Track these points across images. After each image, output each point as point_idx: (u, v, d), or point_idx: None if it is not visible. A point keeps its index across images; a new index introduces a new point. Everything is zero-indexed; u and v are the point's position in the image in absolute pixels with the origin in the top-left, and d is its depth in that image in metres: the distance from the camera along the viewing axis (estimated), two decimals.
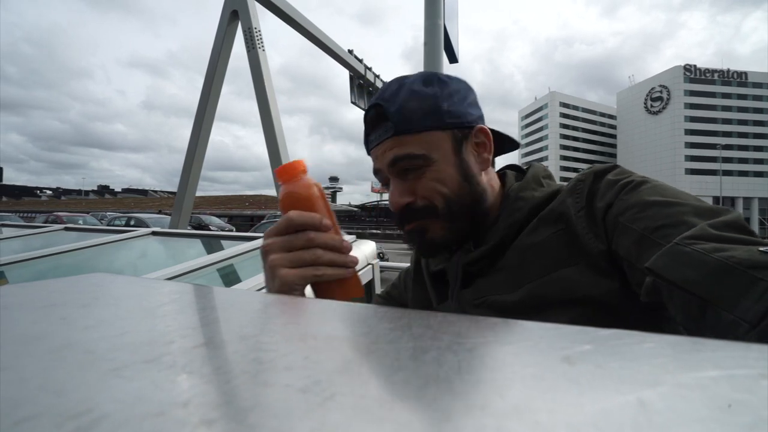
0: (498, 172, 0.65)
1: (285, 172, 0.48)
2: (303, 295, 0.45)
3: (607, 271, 0.46)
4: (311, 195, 0.47)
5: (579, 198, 0.51)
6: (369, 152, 0.59)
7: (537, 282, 0.49)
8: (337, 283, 0.46)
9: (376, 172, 0.58)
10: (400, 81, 0.56)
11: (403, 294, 0.74)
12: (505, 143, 0.64)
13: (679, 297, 0.36)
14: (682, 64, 59.94)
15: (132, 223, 12.76)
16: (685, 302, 0.36)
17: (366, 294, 1.51)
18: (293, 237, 0.44)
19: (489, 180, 0.58)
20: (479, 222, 0.56)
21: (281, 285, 0.43)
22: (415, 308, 0.67)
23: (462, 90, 0.57)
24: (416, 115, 0.53)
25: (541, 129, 71.93)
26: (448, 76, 0.57)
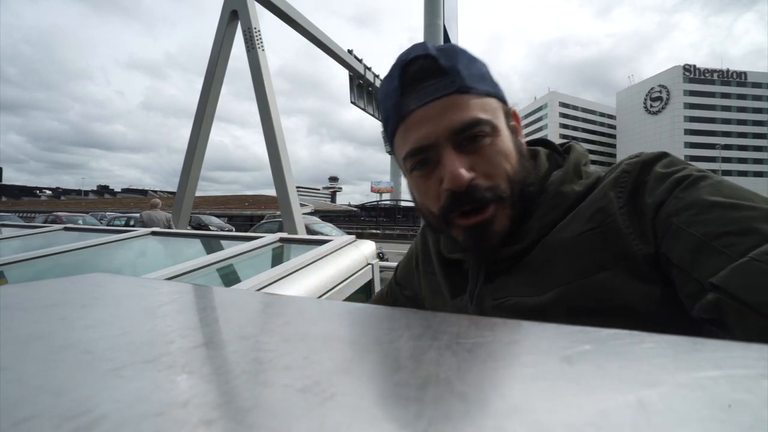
0: (528, 146, 0.56)
1: None
2: None
3: (649, 276, 0.41)
4: None
5: (623, 192, 0.44)
6: (400, 119, 0.47)
7: (567, 286, 0.43)
8: None
9: (420, 151, 0.46)
10: (435, 44, 0.48)
11: (414, 288, 0.67)
12: None
13: (757, 322, 0.31)
14: (681, 65, 60.00)
15: (132, 223, 12.76)
16: (762, 329, 0.31)
17: (366, 294, 1.51)
18: None
19: (530, 162, 0.51)
20: (527, 209, 0.49)
21: None
22: (434, 300, 0.61)
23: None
24: (476, 75, 0.46)
25: (540, 129, 71.93)
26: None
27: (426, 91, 0.45)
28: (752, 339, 0.32)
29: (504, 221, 0.47)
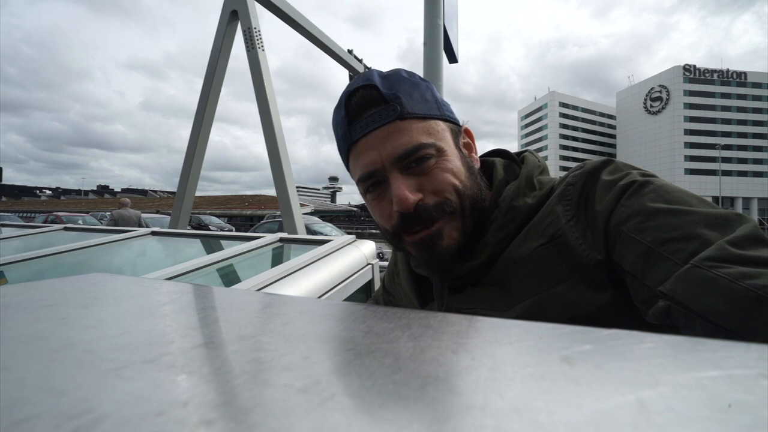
0: (483, 157, 0.58)
1: None
2: None
3: (604, 283, 0.42)
4: None
5: (569, 205, 0.45)
6: (350, 147, 0.49)
7: (530, 300, 0.45)
8: None
9: (369, 177, 0.48)
10: (380, 72, 0.50)
11: (396, 297, 0.69)
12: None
13: (702, 327, 0.33)
14: (681, 65, 60.02)
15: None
16: (708, 333, 0.33)
17: (365, 293, 1.50)
18: None
19: (481, 178, 0.53)
20: (479, 223, 0.50)
21: None
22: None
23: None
24: (418, 100, 0.47)
25: (540, 129, 71.93)
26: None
27: (369, 119, 0.47)
28: None
29: (453, 234, 0.48)
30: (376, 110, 0.46)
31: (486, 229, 0.50)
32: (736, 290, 0.32)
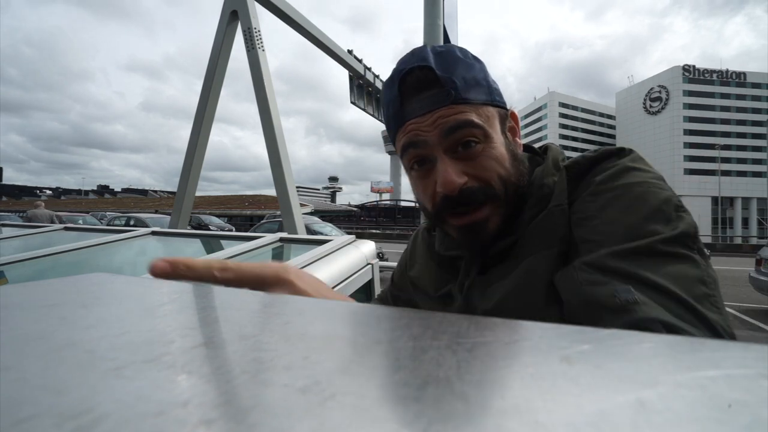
0: None
1: None
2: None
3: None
4: None
5: (570, 180, 0.50)
6: (400, 125, 0.50)
7: (530, 259, 0.48)
8: None
9: (413, 145, 0.48)
10: (434, 48, 0.49)
11: (407, 291, 0.69)
12: None
13: (567, 312, 0.41)
14: (680, 65, 60.01)
15: (132, 222, 12.75)
16: (568, 319, 0.41)
17: (365, 293, 1.51)
18: None
19: (524, 164, 0.54)
20: (521, 206, 0.52)
21: None
22: (419, 300, 0.63)
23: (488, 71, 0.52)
24: (472, 84, 0.48)
25: (540, 129, 71.94)
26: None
27: (423, 102, 0.47)
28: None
29: (497, 220, 0.50)
30: (430, 93, 0.47)
31: (522, 210, 0.52)
32: (579, 292, 0.39)
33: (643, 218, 0.41)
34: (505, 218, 0.50)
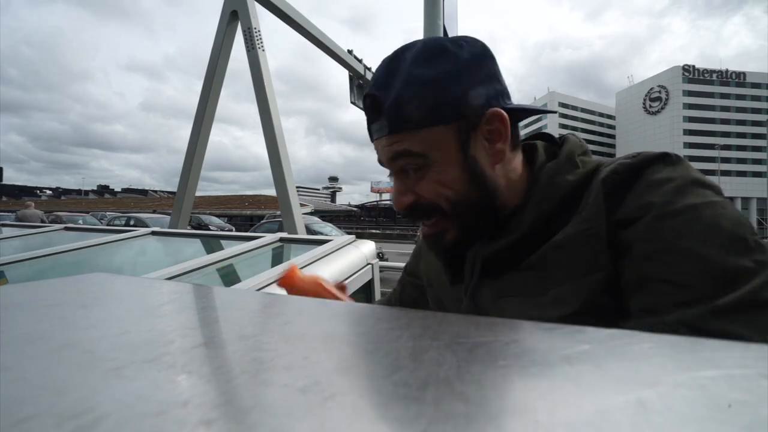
0: (525, 141, 0.56)
1: (287, 283, 0.59)
2: None
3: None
4: (319, 292, 0.59)
5: (609, 194, 0.44)
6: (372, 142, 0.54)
7: (566, 287, 0.44)
8: None
9: (381, 163, 0.53)
10: (398, 59, 0.48)
11: (420, 273, 0.69)
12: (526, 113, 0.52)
13: None
14: (680, 65, 60.03)
15: (132, 222, 12.76)
16: None
17: (365, 293, 1.50)
18: None
19: (506, 171, 0.50)
20: (492, 218, 0.50)
21: None
22: (435, 282, 0.63)
23: (475, 59, 0.47)
24: (413, 109, 0.46)
25: (540, 129, 71.98)
26: (462, 40, 0.49)
27: (373, 128, 0.51)
28: None
29: (453, 234, 0.50)
30: (377, 121, 0.49)
31: (523, 207, 0.49)
32: None
33: (725, 252, 0.37)
34: (463, 232, 0.50)
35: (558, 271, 0.45)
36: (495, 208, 0.50)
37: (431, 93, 0.46)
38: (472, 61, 0.47)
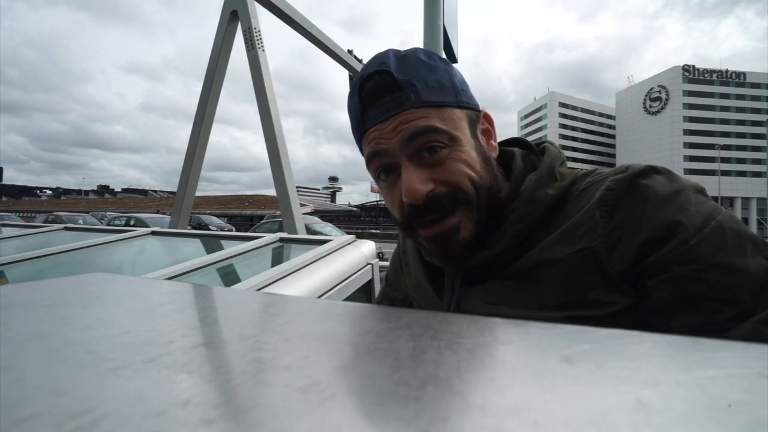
0: (501, 146, 0.56)
1: None
2: None
3: (624, 290, 0.42)
4: None
5: (607, 212, 0.43)
6: (363, 133, 0.48)
7: (559, 305, 0.43)
8: None
9: (377, 155, 0.47)
10: (397, 52, 0.47)
11: (402, 289, 0.67)
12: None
13: None
14: (680, 65, 60.05)
15: (132, 222, 12.76)
16: None
17: (366, 293, 1.50)
18: None
19: (498, 168, 0.50)
20: (495, 212, 0.49)
21: None
22: (422, 301, 0.59)
23: (459, 72, 0.50)
24: (434, 87, 0.45)
25: (540, 129, 71.96)
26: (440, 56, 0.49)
27: (383, 108, 0.45)
28: None
29: (470, 227, 0.47)
30: (390, 98, 0.45)
31: (503, 220, 0.48)
32: None
33: (751, 257, 0.38)
34: (479, 225, 0.47)
35: (550, 291, 0.44)
36: (500, 200, 0.49)
37: (445, 78, 0.46)
38: (457, 71, 0.49)
